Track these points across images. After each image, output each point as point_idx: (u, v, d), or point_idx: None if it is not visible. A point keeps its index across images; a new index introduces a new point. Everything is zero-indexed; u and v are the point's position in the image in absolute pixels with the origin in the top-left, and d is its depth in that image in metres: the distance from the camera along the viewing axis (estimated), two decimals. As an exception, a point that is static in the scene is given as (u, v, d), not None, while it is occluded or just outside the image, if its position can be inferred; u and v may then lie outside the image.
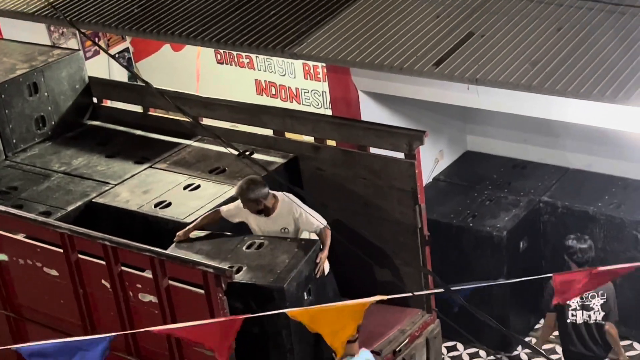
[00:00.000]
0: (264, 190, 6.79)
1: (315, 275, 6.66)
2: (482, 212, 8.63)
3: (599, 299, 7.39)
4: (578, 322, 7.43)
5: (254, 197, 6.79)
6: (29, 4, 8.72)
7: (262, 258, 6.62)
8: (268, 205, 6.88)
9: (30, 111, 8.50)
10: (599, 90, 6.07)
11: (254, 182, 6.82)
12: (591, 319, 7.41)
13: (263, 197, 6.81)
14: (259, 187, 6.79)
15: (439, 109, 8.85)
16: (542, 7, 7.06)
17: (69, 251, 6.62)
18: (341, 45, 7.13)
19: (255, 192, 6.77)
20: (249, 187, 6.78)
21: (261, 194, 6.79)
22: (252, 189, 6.78)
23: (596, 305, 7.40)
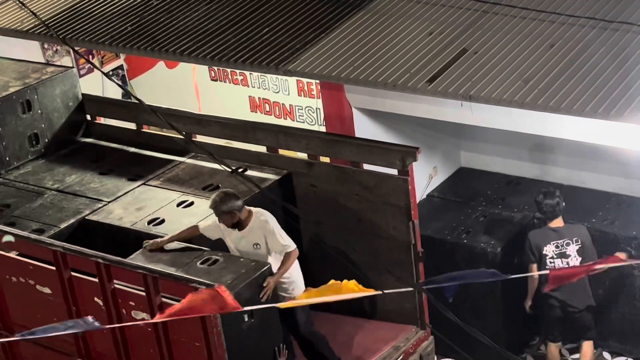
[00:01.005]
0: (237, 203, 6.76)
1: (261, 299, 6.48)
2: (476, 229, 8.63)
3: (574, 245, 7.78)
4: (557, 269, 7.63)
5: (227, 209, 6.74)
6: (22, 22, 8.72)
7: (208, 275, 6.47)
8: (242, 218, 6.83)
9: (24, 128, 8.49)
10: (592, 107, 6.08)
11: (227, 195, 6.81)
12: (569, 265, 7.69)
13: (237, 209, 6.76)
14: (232, 200, 6.76)
15: (433, 126, 8.86)
16: (535, 24, 7.09)
17: (61, 269, 6.59)
18: (335, 62, 7.14)
19: (229, 204, 6.74)
20: (221, 199, 6.76)
21: (235, 206, 6.75)
22: (225, 201, 6.75)
23: (572, 252, 7.77)
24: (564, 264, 7.79)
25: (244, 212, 6.83)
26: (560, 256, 7.82)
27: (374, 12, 7.69)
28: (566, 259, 7.80)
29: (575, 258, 7.79)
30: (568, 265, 7.77)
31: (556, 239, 7.84)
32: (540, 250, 7.89)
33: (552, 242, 7.84)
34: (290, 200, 7.73)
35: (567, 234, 7.84)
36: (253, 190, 7.39)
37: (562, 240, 7.83)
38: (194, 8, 8.34)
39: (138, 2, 8.66)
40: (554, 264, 7.83)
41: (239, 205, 6.77)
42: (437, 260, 8.30)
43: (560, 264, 7.81)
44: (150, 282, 6.16)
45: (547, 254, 7.85)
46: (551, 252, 7.84)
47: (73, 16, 8.65)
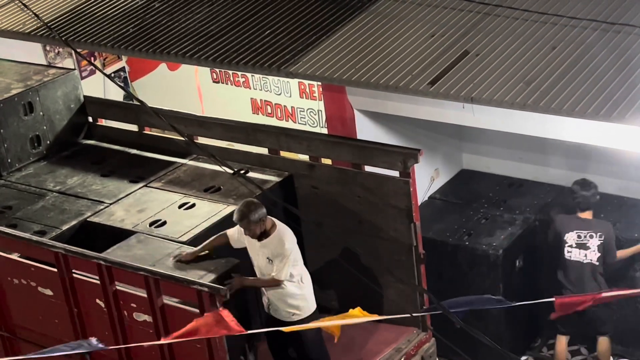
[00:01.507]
0: (264, 210, 6.73)
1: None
2: (477, 231, 8.62)
3: (596, 239, 7.79)
4: (573, 259, 7.77)
5: (257, 219, 6.67)
6: (24, 24, 8.73)
7: (179, 270, 6.57)
8: (267, 228, 6.80)
9: (26, 130, 8.50)
10: (593, 109, 6.08)
11: (254, 204, 6.72)
12: (587, 257, 7.75)
13: (264, 217, 6.72)
14: (260, 208, 6.71)
15: (435, 128, 8.86)
16: (537, 26, 7.09)
17: (63, 271, 6.60)
18: (337, 64, 7.14)
19: (259, 212, 6.68)
20: (250, 209, 6.66)
21: (263, 214, 6.71)
22: (255, 210, 6.67)
23: (593, 246, 7.77)
24: (581, 256, 7.81)
25: (268, 222, 6.79)
26: (579, 246, 7.82)
27: (376, 15, 7.69)
28: (585, 250, 7.81)
29: (594, 252, 7.80)
30: (585, 257, 7.79)
31: (581, 229, 7.85)
32: (561, 236, 7.90)
33: (576, 231, 7.86)
34: (291, 202, 7.74)
35: (593, 227, 7.86)
36: (255, 192, 7.39)
37: (587, 232, 7.83)
38: (196, 10, 8.34)
39: (140, 4, 8.67)
40: (571, 254, 7.85)
41: (265, 212, 6.72)
42: (438, 262, 8.32)
43: (578, 255, 7.82)
44: (152, 284, 6.16)
45: (567, 241, 7.87)
46: (571, 241, 7.85)
47: (75, 18, 8.66)
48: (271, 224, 6.82)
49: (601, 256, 7.81)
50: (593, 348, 8.58)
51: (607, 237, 7.83)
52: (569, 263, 7.90)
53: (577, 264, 7.86)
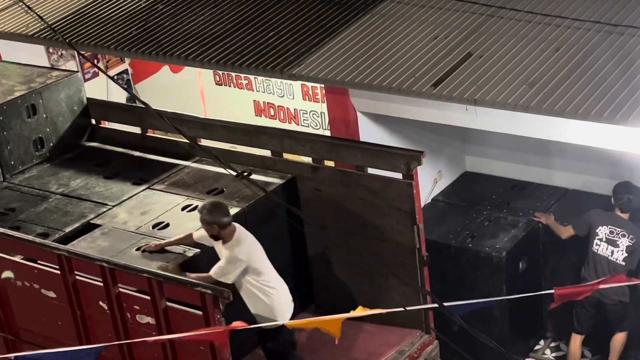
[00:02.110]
0: (223, 219, 6.69)
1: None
2: (481, 233, 8.62)
3: (627, 239, 7.83)
4: (600, 253, 7.82)
5: (207, 220, 6.71)
6: (28, 26, 8.74)
7: (140, 260, 6.69)
8: (223, 235, 6.76)
9: (29, 133, 8.50)
10: (597, 111, 6.07)
11: (216, 207, 6.75)
12: (613, 255, 7.80)
13: (219, 224, 6.70)
14: (219, 214, 6.69)
15: (438, 130, 8.85)
16: (540, 28, 7.08)
17: (66, 273, 6.59)
18: (340, 66, 7.14)
19: (214, 216, 6.69)
20: (209, 210, 6.72)
21: (217, 221, 6.68)
22: (212, 213, 6.70)
23: (622, 245, 7.81)
24: (608, 251, 7.84)
25: (227, 230, 6.75)
26: (608, 242, 7.85)
27: (379, 17, 7.69)
28: (613, 247, 7.83)
29: (621, 252, 7.82)
30: (612, 254, 7.82)
31: (615, 225, 7.88)
32: (593, 228, 7.92)
33: (609, 226, 7.89)
34: (294, 204, 7.73)
35: (628, 228, 7.88)
36: (258, 194, 7.39)
37: (620, 230, 7.85)
38: (199, 12, 8.34)
39: (143, 7, 8.68)
40: (598, 247, 7.88)
41: (223, 221, 6.69)
42: (441, 265, 8.31)
43: (605, 250, 7.85)
44: (155, 286, 6.16)
45: (598, 234, 7.89)
46: (602, 234, 7.88)
47: (78, 20, 8.67)
48: (231, 232, 6.77)
49: (627, 257, 7.82)
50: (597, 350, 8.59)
51: (638, 242, 7.85)
52: (595, 256, 7.93)
53: (603, 259, 7.89)
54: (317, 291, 8.12)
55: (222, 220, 6.71)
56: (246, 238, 6.85)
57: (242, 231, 6.86)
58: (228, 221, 6.74)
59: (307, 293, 8.09)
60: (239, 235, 6.81)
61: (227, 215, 6.76)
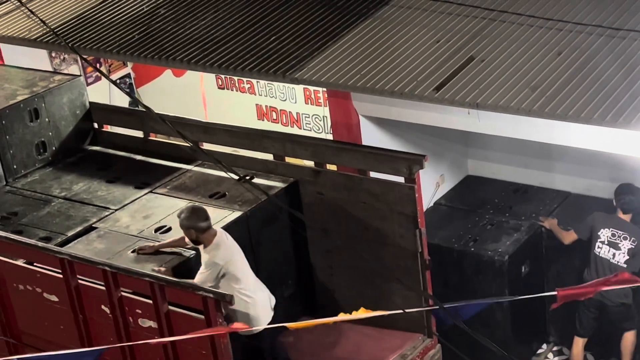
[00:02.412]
0: (200, 224, 6.70)
1: None
2: (483, 237, 8.61)
3: (629, 242, 7.83)
4: (601, 256, 7.82)
5: (185, 224, 6.74)
6: (30, 30, 8.75)
7: (136, 263, 6.73)
8: (201, 240, 6.77)
9: (31, 137, 8.51)
10: (599, 115, 6.07)
11: (195, 212, 6.77)
12: (614, 257, 7.79)
13: (196, 229, 6.72)
14: (196, 219, 6.71)
15: (440, 134, 8.85)
16: (542, 32, 7.08)
17: (69, 277, 6.60)
18: (342, 70, 7.14)
19: (191, 221, 6.71)
20: (187, 214, 6.75)
21: (194, 226, 6.70)
22: (189, 217, 6.73)
23: (624, 247, 7.81)
24: (610, 254, 7.84)
25: (206, 235, 6.76)
26: (610, 245, 7.85)
27: (381, 21, 7.70)
28: (615, 250, 7.83)
29: (623, 255, 7.82)
30: (613, 257, 7.82)
31: (616, 228, 7.88)
32: (595, 231, 7.93)
33: (611, 229, 7.88)
34: (297, 208, 7.73)
35: (630, 230, 7.88)
36: (260, 198, 7.39)
37: (622, 232, 7.86)
38: (201, 17, 8.35)
39: (145, 11, 8.69)
40: (600, 250, 7.88)
41: (200, 226, 6.71)
42: (444, 269, 8.30)
43: (607, 253, 7.86)
44: (157, 290, 6.16)
45: (600, 237, 7.89)
46: (604, 237, 7.88)
47: (81, 24, 8.68)
48: (213, 235, 6.77)
49: (629, 259, 7.83)
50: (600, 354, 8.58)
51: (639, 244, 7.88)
52: (597, 259, 7.93)
53: (605, 261, 7.89)
54: (319, 295, 8.12)
55: (199, 225, 6.72)
56: (225, 243, 6.82)
57: (222, 236, 6.85)
58: (206, 226, 6.74)
59: (309, 297, 8.09)
60: (218, 239, 6.79)
61: (205, 220, 6.75)
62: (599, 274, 7.86)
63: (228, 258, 6.76)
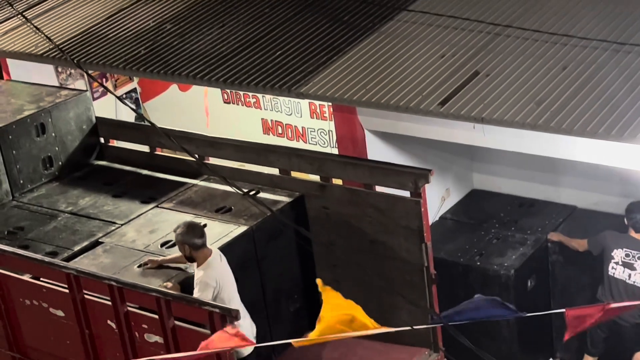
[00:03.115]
0: (194, 240, 6.70)
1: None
2: (489, 251, 8.60)
3: None
4: (616, 277, 7.69)
5: (179, 240, 6.75)
6: (37, 45, 8.79)
7: (141, 278, 6.73)
8: (194, 256, 6.76)
9: (38, 151, 8.54)
10: (605, 129, 6.07)
11: (190, 228, 6.78)
12: (630, 278, 7.67)
13: (190, 245, 6.71)
14: (191, 235, 6.71)
15: (445, 148, 8.86)
16: (547, 47, 7.09)
17: (75, 291, 6.61)
18: (347, 84, 7.16)
19: (185, 237, 6.72)
20: (182, 230, 6.75)
21: (188, 241, 6.71)
22: (184, 233, 6.73)
23: (639, 267, 7.61)
24: (625, 274, 7.74)
25: (199, 253, 6.75)
26: (625, 265, 7.74)
27: (386, 35, 7.72)
28: (630, 270, 7.72)
29: (639, 274, 7.71)
30: (629, 277, 7.71)
31: (630, 248, 7.77)
32: (608, 251, 7.81)
33: (625, 249, 7.78)
34: (302, 222, 7.74)
35: None
36: (265, 213, 7.40)
37: (636, 252, 7.74)
38: (207, 32, 8.38)
39: (151, 26, 8.72)
40: (615, 271, 7.77)
41: (194, 243, 6.71)
42: (450, 283, 8.29)
43: (622, 273, 7.75)
44: (163, 305, 6.16)
45: (614, 258, 7.78)
46: (619, 257, 7.77)
47: (87, 40, 8.71)
48: (206, 255, 6.75)
49: None
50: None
51: None
52: (611, 279, 7.83)
53: (620, 282, 7.78)
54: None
55: (193, 241, 6.72)
56: (217, 264, 6.78)
57: (216, 257, 6.82)
58: (200, 243, 6.74)
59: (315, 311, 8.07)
60: (211, 260, 6.77)
61: (200, 237, 6.75)
62: (613, 295, 7.77)
63: (219, 281, 6.71)
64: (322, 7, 8.32)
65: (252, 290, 7.43)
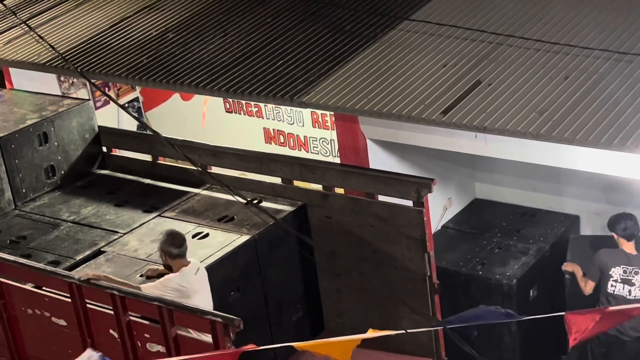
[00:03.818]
0: (171, 250, 6.68)
1: None
2: (491, 260, 8.60)
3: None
4: (616, 294, 7.57)
5: (160, 247, 6.75)
6: (39, 54, 8.81)
7: None
8: (171, 265, 6.75)
9: (40, 160, 8.55)
10: (606, 138, 6.08)
11: (170, 236, 6.76)
12: (631, 294, 7.55)
13: (167, 254, 6.71)
14: (170, 244, 6.69)
15: (448, 157, 8.86)
16: (550, 56, 7.10)
17: (77, 301, 6.60)
18: (349, 94, 7.17)
19: (165, 244, 6.71)
20: (164, 238, 6.75)
21: (165, 250, 6.70)
22: (164, 241, 6.73)
23: (638, 282, 7.55)
24: (625, 291, 7.64)
25: (176, 263, 6.72)
26: (624, 282, 7.65)
27: (388, 45, 7.73)
28: (630, 286, 7.63)
29: (639, 289, 7.62)
30: (629, 293, 7.62)
31: (626, 264, 7.69)
32: (606, 270, 7.72)
33: (622, 266, 7.68)
34: (305, 231, 7.74)
35: (638, 263, 7.70)
36: (268, 222, 7.40)
37: (632, 267, 7.66)
38: (209, 41, 8.40)
39: (154, 36, 8.74)
40: (614, 289, 7.68)
41: (170, 251, 6.69)
42: (452, 292, 8.29)
43: (622, 290, 7.66)
44: (166, 314, 6.16)
45: (613, 276, 7.69)
46: (617, 275, 7.68)
47: (90, 49, 8.73)
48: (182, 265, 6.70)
49: None
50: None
51: None
52: (611, 297, 7.71)
53: (620, 298, 7.66)
54: (327, 318, 8.11)
55: (169, 250, 6.71)
56: (190, 276, 6.67)
57: (192, 269, 6.71)
58: (176, 253, 6.71)
59: (317, 320, 8.08)
60: (185, 269, 6.68)
61: (178, 247, 6.72)
62: None
63: (185, 290, 6.59)
64: (324, 17, 8.35)
65: (254, 299, 7.43)
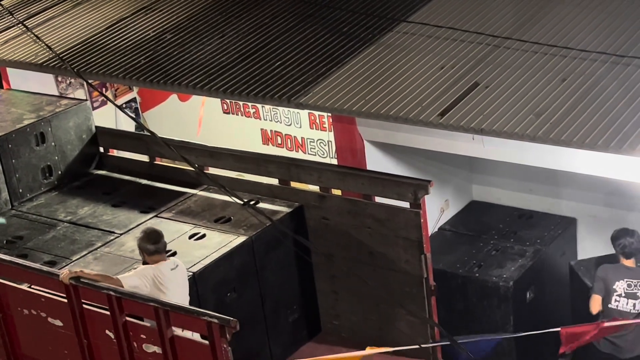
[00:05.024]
0: (148, 246, 6.66)
1: None
2: (488, 262, 8.60)
3: None
4: (620, 309, 7.48)
5: (137, 243, 6.74)
6: (37, 55, 8.80)
7: None
8: (148, 262, 6.70)
9: (37, 161, 8.54)
10: (604, 141, 6.08)
11: (146, 233, 6.73)
12: (635, 307, 7.45)
13: (144, 250, 6.68)
14: (145, 240, 6.67)
15: (445, 159, 8.86)
16: (547, 58, 7.11)
17: (73, 301, 6.59)
18: (346, 95, 7.17)
19: (142, 241, 6.68)
20: (142, 235, 6.72)
21: (142, 246, 6.69)
22: (143, 238, 6.70)
23: None
24: (630, 305, 7.47)
25: (153, 259, 6.67)
26: (628, 296, 7.48)
27: (386, 46, 7.73)
28: (634, 300, 7.46)
29: None
30: (634, 307, 7.46)
31: (630, 278, 7.52)
32: (609, 285, 7.54)
33: (626, 280, 7.52)
34: (302, 233, 7.74)
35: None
36: (264, 223, 7.39)
37: (636, 280, 7.49)
38: (207, 42, 8.40)
39: (151, 36, 8.74)
40: (618, 303, 7.50)
41: (146, 248, 6.66)
42: (448, 294, 8.28)
43: (626, 305, 7.49)
44: (162, 315, 6.15)
45: (617, 290, 7.51)
46: (621, 290, 7.51)
47: (87, 49, 8.73)
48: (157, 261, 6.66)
49: None
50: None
51: None
52: (614, 312, 7.54)
53: (624, 313, 7.50)
54: (324, 320, 8.11)
55: (145, 246, 6.68)
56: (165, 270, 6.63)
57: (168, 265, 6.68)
58: (152, 249, 6.67)
59: (314, 322, 8.08)
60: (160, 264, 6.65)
61: (153, 244, 6.68)
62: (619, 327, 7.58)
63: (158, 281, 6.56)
64: (322, 18, 8.35)
65: (251, 301, 7.43)
